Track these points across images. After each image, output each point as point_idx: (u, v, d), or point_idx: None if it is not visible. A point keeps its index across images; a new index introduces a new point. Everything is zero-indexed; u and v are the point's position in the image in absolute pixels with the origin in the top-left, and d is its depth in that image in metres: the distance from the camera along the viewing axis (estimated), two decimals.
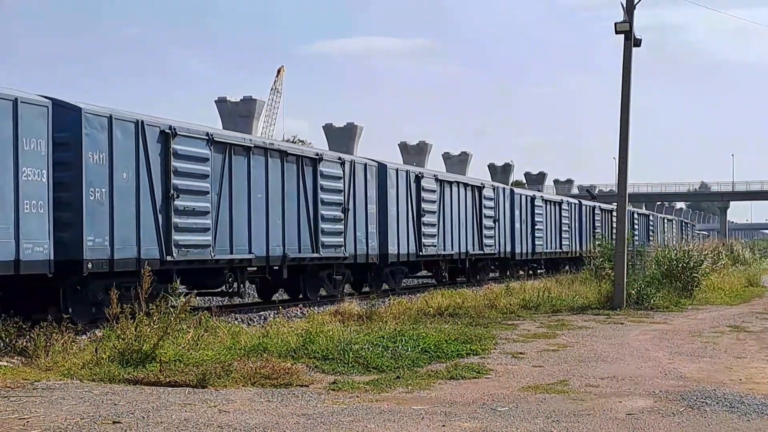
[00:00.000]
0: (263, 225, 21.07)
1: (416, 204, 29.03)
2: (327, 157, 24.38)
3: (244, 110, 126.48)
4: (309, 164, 23.32)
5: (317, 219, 23.43)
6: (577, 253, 46.57)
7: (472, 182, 35.35)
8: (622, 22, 23.17)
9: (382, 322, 17.20)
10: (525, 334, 16.99)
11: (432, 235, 29.98)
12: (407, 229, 28.42)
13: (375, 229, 26.41)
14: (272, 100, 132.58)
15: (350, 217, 24.99)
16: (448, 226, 31.42)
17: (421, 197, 29.23)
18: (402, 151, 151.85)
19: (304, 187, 22.97)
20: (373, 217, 26.31)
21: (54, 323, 12.75)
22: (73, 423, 8.56)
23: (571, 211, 47.00)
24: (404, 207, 28.28)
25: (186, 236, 18.51)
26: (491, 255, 35.83)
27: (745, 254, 49.17)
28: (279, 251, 21.71)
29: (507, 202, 37.96)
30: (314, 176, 23.41)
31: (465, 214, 33.15)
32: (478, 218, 34.30)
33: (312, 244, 23.23)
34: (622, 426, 8.86)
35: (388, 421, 8.99)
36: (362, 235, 25.63)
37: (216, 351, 12.64)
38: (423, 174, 29.96)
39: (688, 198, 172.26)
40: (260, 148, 21.23)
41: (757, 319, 20.37)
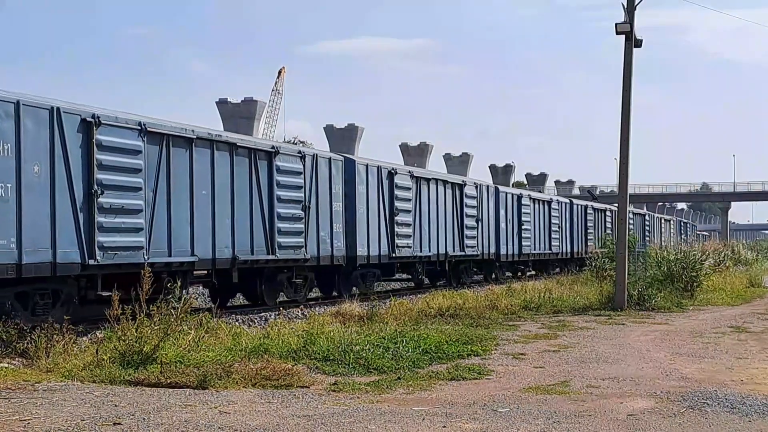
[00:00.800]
0: (208, 224, 19.20)
1: (389, 202, 27.20)
2: (284, 151, 22.40)
3: (245, 111, 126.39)
4: (263, 158, 21.31)
5: (273, 218, 21.43)
6: (568, 255, 45.29)
7: (452, 179, 33.36)
8: (623, 22, 23.19)
9: (382, 323, 17.23)
10: (526, 334, 16.98)
11: (407, 236, 28.18)
12: (379, 229, 26.56)
13: (341, 228, 24.52)
14: (273, 101, 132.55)
15: (312, 216, 23.02)
16: (425, 225, 29.59)
17: (394, 195, 27.42)
18: (403, 152, 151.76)
19: (258, 183, 20.97)
20: (339, 216, 24.41)
21: (55, 325, 12.75)
22: (74, 424, 8.56)
23: (561, 211, 44.94)
24: (375, 205, 26.43)
25: (113, 237, 16.59)
26: (473, 256, 33.85)
27: (746, 255, 49.13)
28: (227, 253, 19.81)
29: (491, 201, 36.20)
30: (270, 171, 21.40)
31: (444, 213, 31.29)
32: (459, 218, 32.51)
33: (267, 244, 21.27)
34: (623, 427, 8.85)
35: (388, 422, 8.99)
36: (326, 235, 23.71)
37: (217, 352, 12.64)
38: (396, 170, 28.04)
39: (690, 198, 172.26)
40: (204, 140, 19.16)
41: (758, 320, 20.35)
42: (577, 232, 47.02)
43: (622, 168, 24.02)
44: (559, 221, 44.27)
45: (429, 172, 34.02)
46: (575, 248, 46.59)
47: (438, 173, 33.06)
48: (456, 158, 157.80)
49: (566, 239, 45.41)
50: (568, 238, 45.66)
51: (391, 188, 27.37)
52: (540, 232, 41.62)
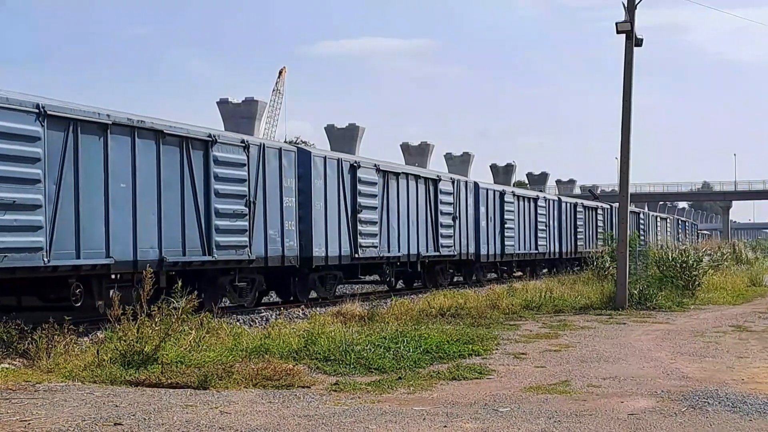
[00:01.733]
0: (129, 222, 16.94)
1: (351, 198, 24.92)
2: (224, 140, 19.88)
3: (245, 111, 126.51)
4: (198, 147, 19.00)
5: (210, 214, 19.17)
6: (556, 255, 43.41)
7: (425, 174, 30.89)
8: (624, 21, 23.19)
9: (383, 322, 17.23)
10: (527, 334, 16.98)
11: (372, 235, 25.85)
12: (339, 227, 24.26)
13: (294, 226, 22.14)
14: (274, 101, 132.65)
15: (258, 212, 20.77)
16: (393, 224, 27.26)
17: (357, 190, 25.12)
18: (404, 151, 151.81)
19: (192, 175, 18.66)
20: (291, 213, 22.03)
21: (56, 325, 12.75)
22: (74, 425, 8.56)
23: (548, 209, 42.38)
24: (335, 201, 24.11)
25: (3, 237, 14.43)
26: (450, 257, 31.41)
27: (747, 254, 49.12)
28: (153, 254, 17.52)
29: (470, 198, 33.67)
30: (206, 162, 19.09)
31: (417, 210, 28.94)
32: (433, 215, 30.09)
33: (203, 244, 19.02)
34: (624, 426, 8.85)
35: (389, 421, 8.99)
36: (276, 234, 21.38)
37: (217, 352, 12.64)
38: (360, 163, 25.65)
39: (691, 197, 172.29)
40: (123, 126, 16.92)
41: (759, 319, 20.35)
42: (566, 231, 44.98)
43: (623, 167, 24.02)
44: (547, 219, 42.10)
45: (399, 165, 30.85)
46: (564, 248, 44.61)
47: (409, 167, 30.48)
48: (457, 158, 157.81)
49: (554, 238, 43.32)
50: (556, 238, 43.57)
51: (353, 183, 25.12)
52: (525, 231, 39.43)
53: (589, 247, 47.04)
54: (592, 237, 48.41)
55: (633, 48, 23.65)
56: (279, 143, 22.81)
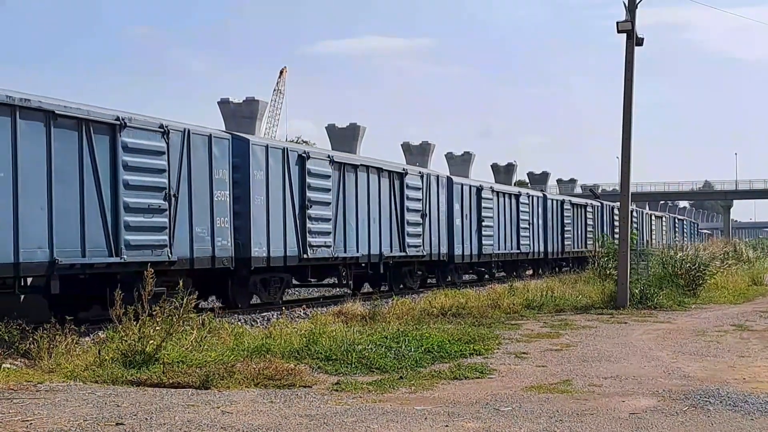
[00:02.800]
0: (8, 218, 14.69)
1: (299, 192, 22.53)
2: (136, 124, 17.21)
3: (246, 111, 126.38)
4: (103, 132, 16.50)
5: (117, 209, 16.76)
6: (540, 255, 41.11)
7: (389, 167, 27.85)
8: (624, 21, 23.19)
9: (385, 322, 17.25)
10: (528, 333, 16.98)
11: (324, 233, 23.46)
12: (284, 224, 21.85)
13: (228, 223, 19.69)
14: (275, 100, 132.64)
15: (182, 207, 18.38)
16: (351, 221, 24.88)
17: (306, 183, 22.72)
18: (405, 151, 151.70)
19: (93, 164, 16.35)
20: (224, 208, 19.61)
21: (57, 325, 12.75)
22: (76, 425, 8.56)
23: (532, 206, 40.00)
24: (279, 196, 21.72)
25: None
26: (418, 257, 28.94)
27: (748, 253, 49.07)
28: (42, 255, 15.23)
29: (442, 194, 31.06)
30: (113, 149, 16.68)
31: (379, 206, 26.49)
32: (399, 212, 27.67)
33: (109, 244, 16.56)
34: (625, 425, 8.85)
35: (391, 421, 8.99)
36: (204, 232, 18.95)
37: (219, 352, 12.65)
38: (310, 153, 23.32)
39: (692, 197, 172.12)
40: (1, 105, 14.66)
41: (761, 318, 20.34)
42: (552, 230, 42.62)
43: (624, 166, 24.01)
44: (530, 217, 39.77)
45: (358, 157, 28.36)
46: (550, 248, 42.35)
47: (370, 159, 27.62)
48: (458, 157, 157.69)
49: (539, 238, 41.00)
50: (540, 237, 41.24)
51: (302, 175, 22.70)
52: (506, 229, 37.08)
53: (578, 247, 45.84)
54: (581, 236, 46.80)
55: (634, 47, 23.65)
56: (209, 129, 19.80)
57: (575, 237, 45.89)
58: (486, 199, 35.01)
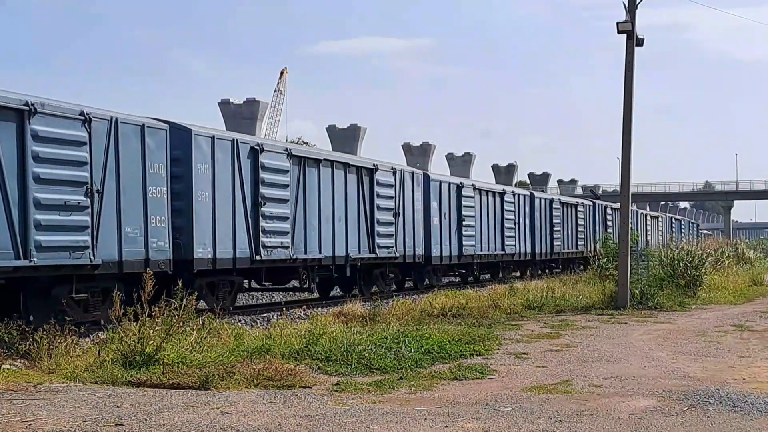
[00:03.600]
0: None
1: (252, 188, 20.81)
2: (48, 110, 15.42)
3: (247, 112, 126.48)
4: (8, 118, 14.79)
5: (27, 206, 15.00)
6: (527, 256, 39.46)
7: (357, 162, 26.34)
8: (624, 21, 23.19)
9: (385, 323, 17.22)
10: (528, 334, 16.98)
11: (281, 233, 21.76)
12: (233, 223, 20.11)
13: (166, 222, 17.93)
14: (275, 101, 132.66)
15: (107, 205, 16.56)
16: (313, 220, 23.15)
17: (259, 179, 21.00)
18: (405, 152, 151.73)
19: None
20: (161, 205, 17.78)
21: (57, 326, 12.75)
22: (75, 426, 8.56)
23: (518, 205, 38.32)
24: (228, 192, 20.02)
25: None
26: (390, 259, 27.31)
27: (749, 253, 49.06)
28: None
29: (417, 191, 29.30)
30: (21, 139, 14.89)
31: (345, 204, 24.81)
32: (368, 211, 26.01)
33: (16, 245, 14.82)
34: (625, 426, 8.85)
35: (391, 422, 8.99)
36: (135, 232, 17.18)
37: (219, 353, 12.64)
38: (264, 146, 21.47)
39: (692, 197, 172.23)
40: None
41: (761, 318, 20.34)
42: (540, 230, 40.90)
43: (624, 167, 24.01)
44: (516, 217, 37.96)
45: (321, 151, 26.03)
46: (538, 248, 40.69)
47: (336, 153, 25.62)
48: (459, 158, 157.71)
49: (525, 238, 39.24)
50: (527, 237, 39.50)
51: (255, 170, 20.95)
52: (489, 229, 35.26)
53: (568, 248, 44.63)
54: (572, 236, 45.41)
55: (634, 48, 23.65)
56: (142, 118, 17.73)
57: (565, 237, 44.45)
58: (467, 197, 33.27)
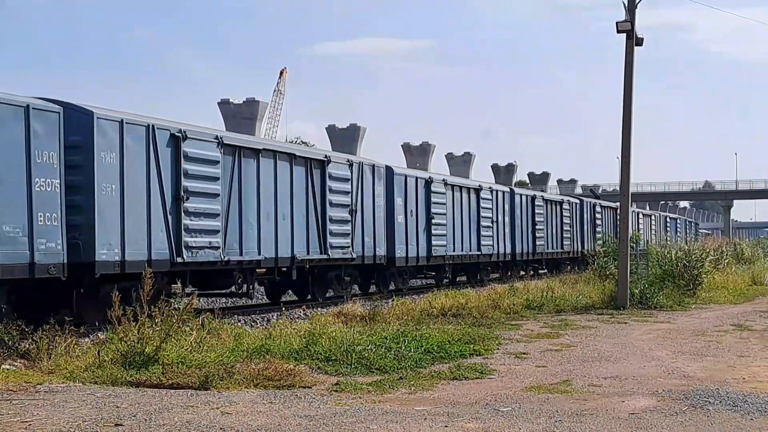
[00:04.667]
0: None
1: (173, 181, 18.43)
2: None
3: (247, 112, 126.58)
4: None
5: None
6: (507, 256, 37.21)
7: (306, 153, 24.09)
8: (624, 21, 23.19)
9: (385, 323, 17.22)
10: (528, 334, 16.97)
11: (209, 231, 19.36)
12: (149, 220, 17.70)
13: (59, 220, 15.72)
14: (275, 101, 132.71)
15: None
16: (250, 217, 20.84)
17: (181, 170, 18.55)
18: (405, 151, 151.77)
19: None
20: (52, 200, 15.57)
21: (57, 326, 12.75)
22: (75, 426, 8.56)
23: (496, 202, 36.00)
24: (142, 185, 17.61)
25: None
26: (346, 261, 25.03)
27: (748, 253, 49.07)
28: None
29: (379, 186, 26.94)
30: None
31: (291, 200, 22.44)
32: (319, 208, 23.80)
33: None
34: (625, 425, 8.84)
35: (390, 422, 8.99)
36: (17, 231, 15.05)
37: (219, 353, 12.64)
38: (186, 133, 18.76)
39: (692, 197, 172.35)
40: None
41: (760, 318, 20.34)
42: (521, 230, 38.70)
43: (624, 167, 24.00)
44: (494, 215, 35.65)
45: (260, 140, 23.14)
46: (519, 248, 38.43)
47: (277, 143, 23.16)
48: (458, 158, 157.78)
49: (505, 238, 36.90)
50: (507, 237, 37.18)
51: (176, 160, 18.50)
52: (463, 228, 32.94)
53: (553, 248, 42.65)
54: (557, 236, 43.17)
55: (633, 47, 23.65)
56: (26, 98, 15.50)
57: (550, 237, 42.28)
58: (437, 194, 30.87)
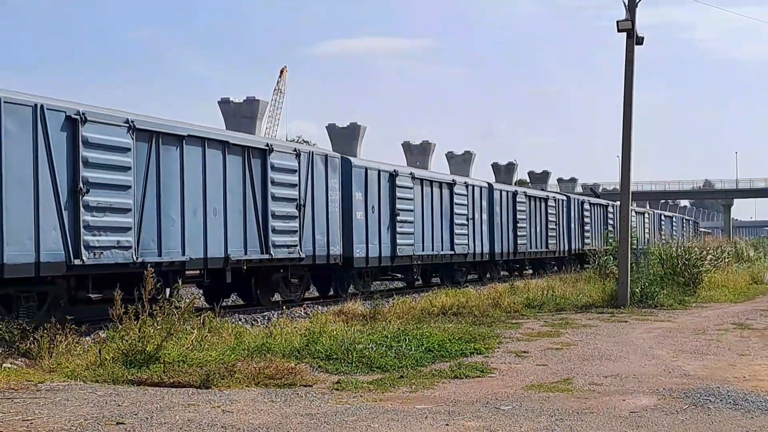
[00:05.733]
0: None
1: (69, 171, 16.22)
2: None
3: (247, 111, 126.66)
4: None
5: None
6: (484, 256, 34.75)
7: (243, 141, 21.12)
8: (624, 20, 23.19)
9: (385, 321, 17.22)
10: (529, 332, 16.97)
11: (118, 229, 17.11)
12: (36, 216, 15.53)
13: None
14: (275, 100, 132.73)
15: None
16: (171, 212, 18.40)
17: (80, 159, 16.35)
18: (405, 150, 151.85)
19: None
20: None
21: (58, 325, 12.76)
22: (77, 424, 8.57)
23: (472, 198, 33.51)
24: (27, 175, 15.47)
25: None
26: (292, 261, 22.60)
27: (749, 252, 49.05)
28: None
29: (333, 179, 24.47)
30: None
31: (224, 193, 19.98)
32: (259, 201, 21.28)
33: None
34: (625, 424, 8.85)
35: (391, 420, 8.99)
36: None
37: (220, 351, 12.65)
38: (86, 116, 16.54)
39: (692, 195, 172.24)
40: None
41: (761, 317, 20.34)
42: (501, 228, 36.25)
43: (624, 166, 24.00)
44: (470, 212, 33.28)
45: (184, 125, 19.54)
46: (498, 248, 35.93)
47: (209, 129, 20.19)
48: (458, 157, 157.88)
49: (482, 236, 34.46)
50: (485, 235, 34.76)
51: (73, 146, 16.30)
52: (434, 226, 30.59)
53: (537, 247, 40.50)
54: (541, 234, 40.99)
55: (634, 46, 23.64)
56: None
57: (533, 236, 40.05)
58: (403, 188, 28.48)
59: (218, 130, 20.93)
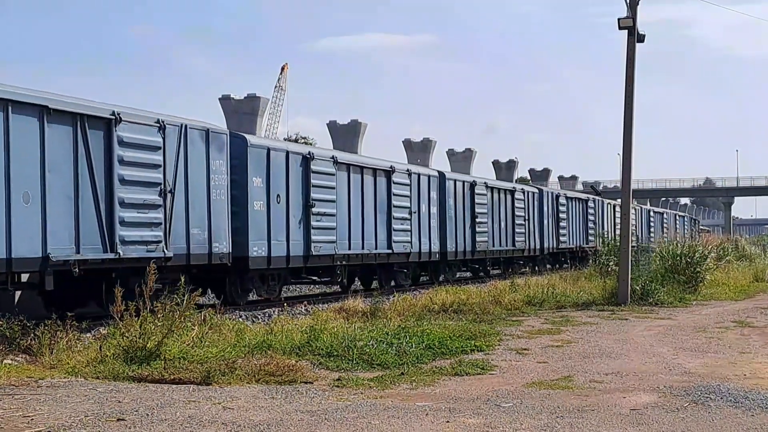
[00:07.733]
0: None
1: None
2: None
3: (248, 108, 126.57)
4: None
5: None
6: (434, 255, 30.27)
7: (73, 108, 15.83)
8: (626, 17, 23.17)
9: (386, 318, 17.24)
10: (529, 330, 16.98)
11: None
12: None
13: None
14: (276, 97, 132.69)
15: None
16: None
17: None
18: (406, 148, 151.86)
19: None
20: None
21: (58, 321, 12.77)
22: (77, 420, 8.57)
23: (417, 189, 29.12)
24: None
25: None
26: (158, 260, 16.52)
27: (749, 250, 49.02)
28: None
29: (217, 159, 19.30)
30: None
31: (43, 175, 15.11)
32: (104, 186, 16.42)
33: None
34: (626, 421, 8.85)
35: (392, 417, 8.99)
36: None
37: (220, 348, 12.65)
38: None
39: (693, 193, 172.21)
40: None
41: (761, 315, 20.33)
42: (455, 223, 31.92)
43: (625, 163, 23.99)
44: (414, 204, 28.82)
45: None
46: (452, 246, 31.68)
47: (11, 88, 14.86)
48: (459, 154, 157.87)
49: (429, 232, 29.89)
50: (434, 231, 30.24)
51: None
52: (365, 220, 26.01)
53: (501, 245, 35.93)
54: (506, 231, 36.45)
55: (635, 44, 23.61)
56: None
57: (496, 232, 35.55)
58: (321, 174, 23.74)
59: (32, 91, 15.51)
